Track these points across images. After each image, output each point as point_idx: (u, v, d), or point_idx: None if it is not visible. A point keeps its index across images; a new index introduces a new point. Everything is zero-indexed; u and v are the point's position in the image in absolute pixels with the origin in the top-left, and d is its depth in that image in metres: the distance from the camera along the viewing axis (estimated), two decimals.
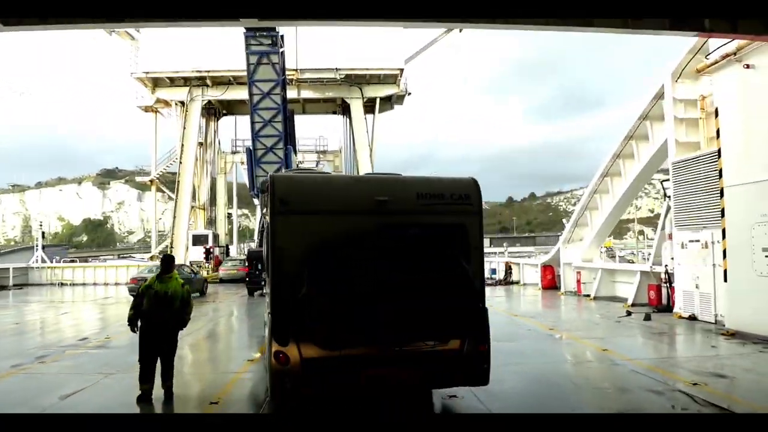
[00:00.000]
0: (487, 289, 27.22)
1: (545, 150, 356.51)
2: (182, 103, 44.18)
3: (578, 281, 23.71)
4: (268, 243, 7.21)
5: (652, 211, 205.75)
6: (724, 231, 14.07)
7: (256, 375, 9.86)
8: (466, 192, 7.35)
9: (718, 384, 9.02)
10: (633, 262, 32.69)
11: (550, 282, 27.08)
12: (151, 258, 46.53)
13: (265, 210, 7.98)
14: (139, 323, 8.61)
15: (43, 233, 37.73)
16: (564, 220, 28.07)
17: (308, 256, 6.56)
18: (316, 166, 49.07)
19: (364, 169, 43.96)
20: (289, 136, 39.97)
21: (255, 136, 37.84)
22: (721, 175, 14.16)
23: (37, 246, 36.72)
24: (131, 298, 9.18)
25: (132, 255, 66.10)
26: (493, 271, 35.04)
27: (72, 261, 52.99)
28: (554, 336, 13.87)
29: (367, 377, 6.66)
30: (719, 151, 14.23)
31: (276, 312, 6.75)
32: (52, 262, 36.62)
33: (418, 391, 7.87)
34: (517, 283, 30.85)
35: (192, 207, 46.73)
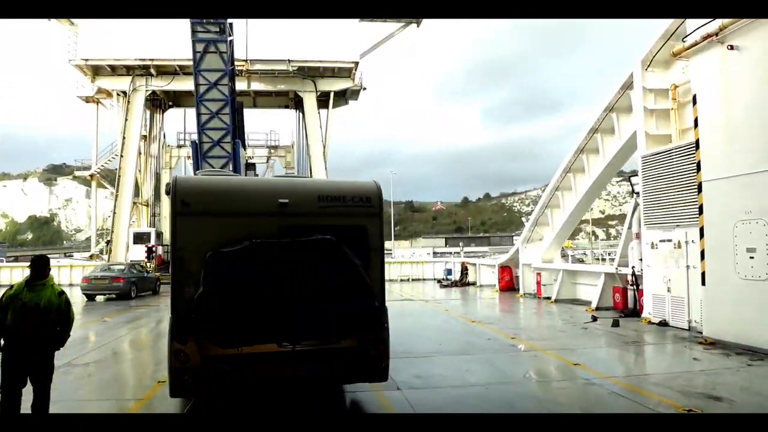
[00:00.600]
0: (442, 291, 25.38)
1: (501, 151, 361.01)
2: (124, 93, 41.37)
3: (538, 283, 22.35)
4: (171, 243, 7.23)
5: (603, 212, 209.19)
6: (702, 230, 12.70)
7: (164, 403, 7.96)
8: (367, 195, 7.51)
9: (717, 410, 7.50)
10: (583, 262, 31.72)
11: (508, 283, 25.74)
12: (91, 257, 43.61)
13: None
14: (1, 341, 6.65)
15: None
16: (523, 219, 26.63)
17: (219, 258, 6.59)
18: (267, 162, 46.82)
19: (317, 165, 42.09)
20: (237, 130, 37.82)
21: (201, 128, 35.52)
22: (699, 169, 12.79)
23: None
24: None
25: (71, 254, 62.05)
26: (449, 272, 33.62)
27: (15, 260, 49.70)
28: (518, 347, 12.26)
29: (266, 374, 6.85)
30: (697, 142, 12.86)
31: (176, 311, 6.81)
32: None
33: (327, 390, 8.23)
34: (474, 284, 29.42)
35: (135, 203, 43.91)
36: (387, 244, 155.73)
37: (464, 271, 30.36)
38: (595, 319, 16.05)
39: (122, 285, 23.89)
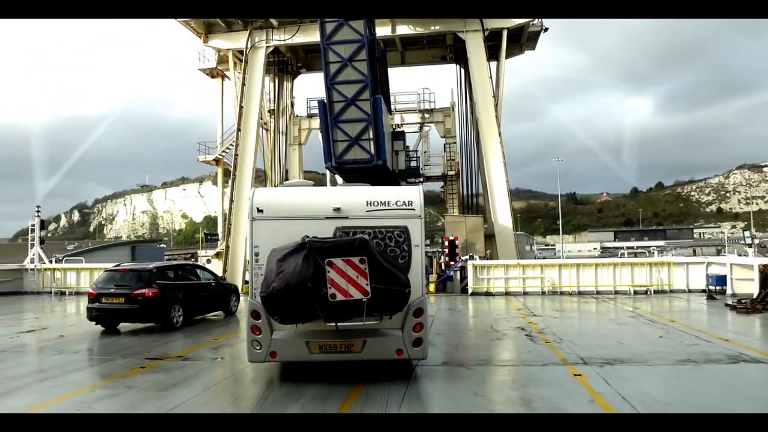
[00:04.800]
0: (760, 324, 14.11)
1: (678, 138, 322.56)
2: (242, 53, 31.70)
3: None
4: (249, 242, 8.59)
5: None
6: None
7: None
8: (410, 199, 8.45)
9: None
10: None
11: None
12: (216, 255, 34.64)
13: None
14: None
15: (42, 222, 26.02)
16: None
17: (277, 253, 7.57)
18: (420, 130, 34.72)
19: (488, 130, 29.46)
20: (378, 85, 26.50)
21: (330, 82, 24.71)
22: None
23: (32, 241, 25.22)
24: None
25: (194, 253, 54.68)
26: (719, 281, 19.47)
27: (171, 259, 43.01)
28: None
29: (319, 345, 8.10)
30: None
31: (252, 295, 8.26)
32: (51, 262, 25.03)
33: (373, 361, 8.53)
34: None
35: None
36: (549, 239, 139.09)
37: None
38: None
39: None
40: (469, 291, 21.44)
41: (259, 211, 8.36)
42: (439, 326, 14.05)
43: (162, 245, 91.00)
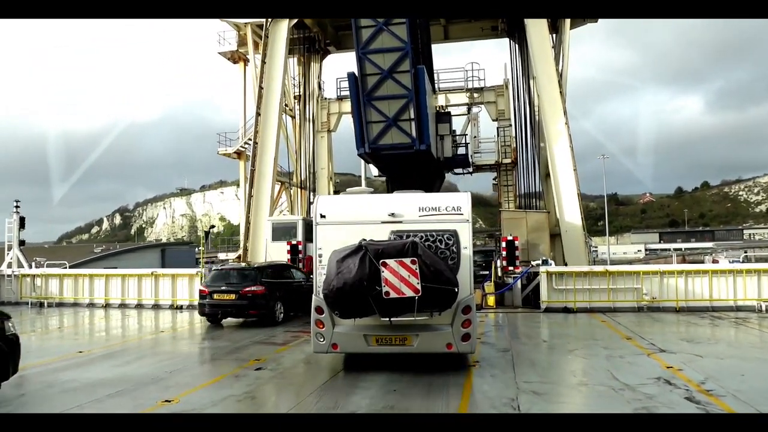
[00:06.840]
0: None
1: (727, 137, 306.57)
2: (261, 28, 27.06)
3: None
4: (314, 244, 9.05)
5: None
6: None
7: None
8: (458, 204, 8.85)
9: None
10: None
11: None
12: (238, 258, 30.13)
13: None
14: None
15: (22, 220, 21.44)
16: None
17: (337, 254, 8.11)
18: (468, 111, 29.49)
19: (552, 114, 24.06)
20: (419, 55, 21.56)
21: (362, 52, 19.94)
22: None
23: (10, 243, 20.88)
24: None
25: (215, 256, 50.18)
26: None
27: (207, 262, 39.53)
28: None
29: (376, 339, 8.59)
30: None
31: (316, 292, 8.71)
32: (31, 267, 20.67)
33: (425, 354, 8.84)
34: None
35: (283, 184, 29.76)
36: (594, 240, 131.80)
37: None
38: None
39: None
40: (542, 306, 16.20)
41: (322, 216, 8.95)
42: (525, 370, 8.92)
43: (200, 247, 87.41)
